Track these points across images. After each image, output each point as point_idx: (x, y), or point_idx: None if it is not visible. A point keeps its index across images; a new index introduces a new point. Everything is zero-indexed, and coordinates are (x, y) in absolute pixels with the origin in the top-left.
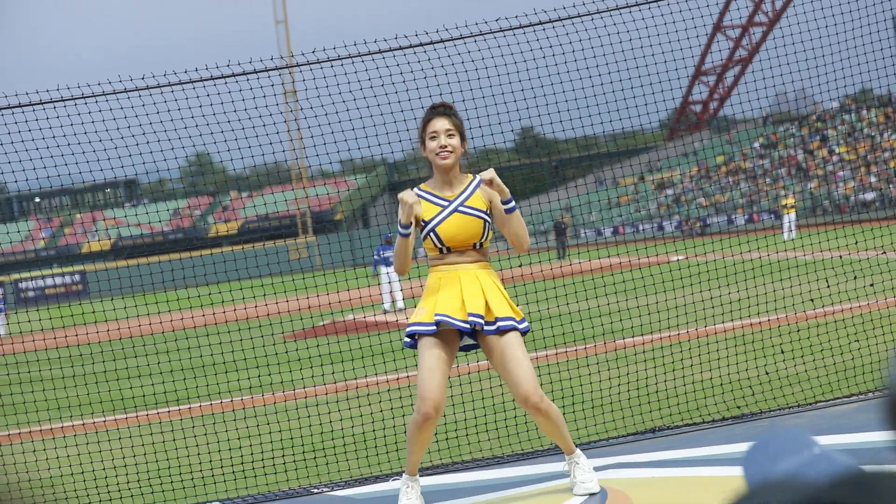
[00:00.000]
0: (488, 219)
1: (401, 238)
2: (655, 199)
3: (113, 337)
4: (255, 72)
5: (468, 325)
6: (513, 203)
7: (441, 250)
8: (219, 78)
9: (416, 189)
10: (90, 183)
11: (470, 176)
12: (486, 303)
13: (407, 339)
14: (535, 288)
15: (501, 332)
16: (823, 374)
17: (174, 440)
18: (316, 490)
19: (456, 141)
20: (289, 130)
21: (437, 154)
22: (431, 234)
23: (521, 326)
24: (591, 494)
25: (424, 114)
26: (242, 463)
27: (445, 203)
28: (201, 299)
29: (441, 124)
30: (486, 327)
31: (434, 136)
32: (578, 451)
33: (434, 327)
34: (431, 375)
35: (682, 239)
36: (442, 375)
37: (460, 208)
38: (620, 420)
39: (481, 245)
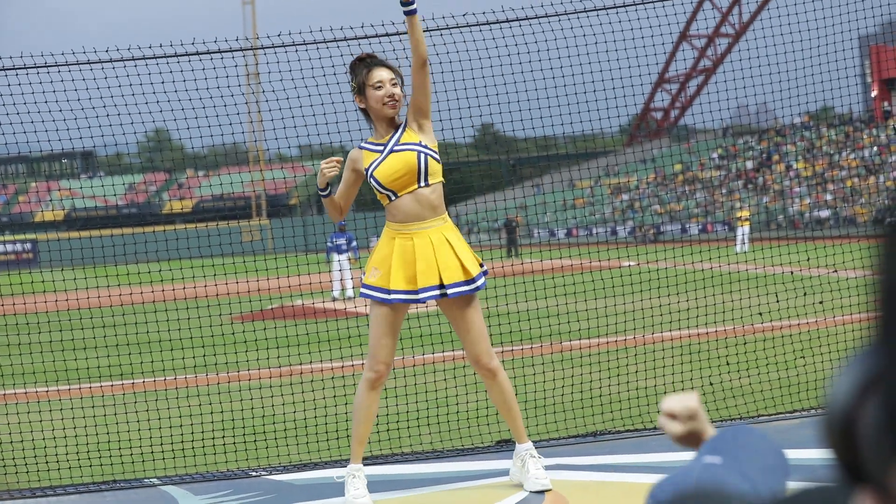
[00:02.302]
0: (426, 150)
1: (324, 200)
2: (611, 203)
3: (60, 308)
4: (220, 51)
5: (421, 300)
6: (413, 6)
7: (389, 197)
8: (182, 55)
9: (359, 145)
10: (47, 152)
11: (401, 121)
12: (438, 270)
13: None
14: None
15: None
16: (767, 389)
17: (115, 414)
18: (254, 473)
19: (399, 90)
20: (249, 112)
21: (384, 104)
22: (372, 180)
23: (468, 289)
24: (545, 491)
25: (357, 64)
26: (182, 441)
27: (381, 147)
28: (151, 275)
29: (385, 74)
30: (437, 293)
31: (379, 86)
32: (531, 444)
33: (388, 298)
34: (384, 342)
35: (635, 245)
36: (393, 341)
37: (395, 148)
38: (563, 422)
39: (427, 183)
